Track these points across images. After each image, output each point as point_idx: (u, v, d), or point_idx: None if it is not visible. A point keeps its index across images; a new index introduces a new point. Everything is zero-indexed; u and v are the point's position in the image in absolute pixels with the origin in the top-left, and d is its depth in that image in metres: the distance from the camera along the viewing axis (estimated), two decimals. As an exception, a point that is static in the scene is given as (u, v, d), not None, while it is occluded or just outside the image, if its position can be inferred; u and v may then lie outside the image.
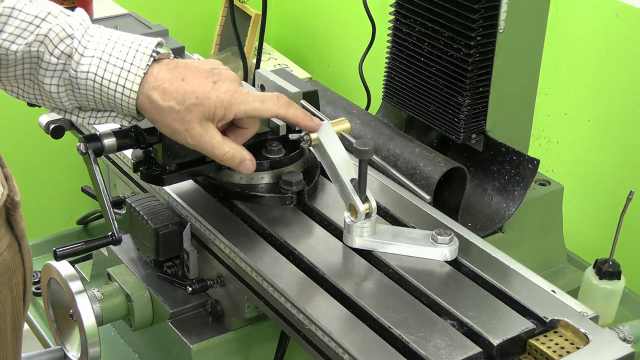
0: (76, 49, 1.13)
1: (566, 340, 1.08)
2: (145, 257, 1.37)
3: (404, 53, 1.52)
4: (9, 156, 2.37)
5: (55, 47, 1.12)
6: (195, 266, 1.34)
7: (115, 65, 1.14)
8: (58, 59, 1.13)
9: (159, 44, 1.17)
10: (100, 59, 1.14)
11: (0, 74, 1.15)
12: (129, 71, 1.14)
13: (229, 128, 1.22)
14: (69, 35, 1.13)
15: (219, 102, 1.16)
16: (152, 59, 1.15)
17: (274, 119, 1.37)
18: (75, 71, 1.14)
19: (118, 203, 1.46)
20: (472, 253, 1.23)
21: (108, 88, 1.14)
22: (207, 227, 1.27)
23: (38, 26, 1.12)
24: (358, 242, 1.22)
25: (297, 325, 1.14)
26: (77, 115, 1.21)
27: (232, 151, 1.20)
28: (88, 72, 1.14)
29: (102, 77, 1.14)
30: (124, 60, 1.14)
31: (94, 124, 1.22)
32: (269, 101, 1.20)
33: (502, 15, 1.38)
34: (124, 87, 1.14)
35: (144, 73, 1.14)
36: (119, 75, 1.14)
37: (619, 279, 1.46)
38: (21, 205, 1.17)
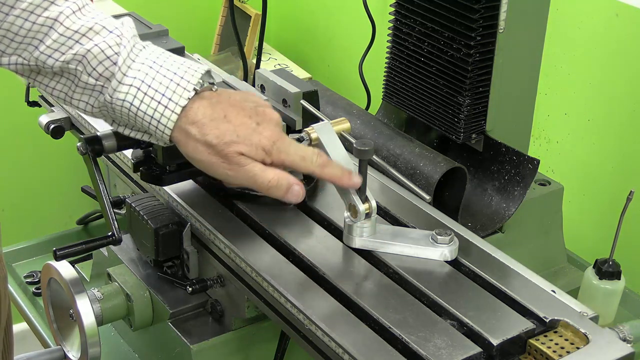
0: (114, 75, 1.10)
1: (566, 340, 1.08)
2: (145, 257, 1.37)
3: (404, 53, 1.52)
4: (9, 156, 2.36)
5: (94, 69, 1.10)
6: (195, 266, 1.34)
7: (152, 98, 1.10)
8: (96, 80, 1.11)
9: (206, 73, 1.13)
10: (138, 89, 1.10)
11: (37, 80, 1.14)
12: (166, 106, 1.11)
13: None
14: (108, 57, 1.10)
15: (260, 146, 1.12)
16: (193, 93, 1.12)
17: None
18: (111, 97, 1.11)
19: (118, 203, 1.46)
20: (472, 253, 1.23)
21: (142, 120, 1.12)
22: (207, 227, 1.28)
23: (77, 42, 1.09)
24: (358, 242, 1.22)
25: (297, 325, 1.14)
26: (112, 124, 1.19)
27: (276, 177, 1.13)
28: (124, 100, 1.11)
29: (138, 108, 1.11)
30: (162, 94, 1.10)
31: (129, 134, 1.19)
32: (309, 159, 1.15)
33: (502, 15, 1.38)
34: (158, 121, 1.11)
35: (182, 108, 1.11)
36: (155, 109, 1.11)
37: (619, 279, 1.46)
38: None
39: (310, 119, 1.37)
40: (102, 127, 1.52)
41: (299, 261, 1.21)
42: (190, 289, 1.32)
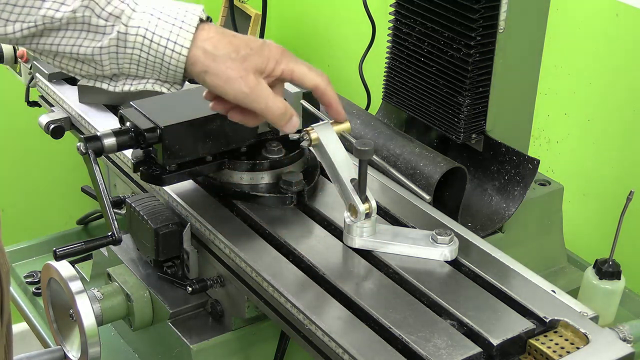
0: (128, 5, 1.14)
1: (566, 340, 1.08)
2: (145, 257, 1.37)
3: (404, 53, 1.52)
4: (9, 156, 2.35)
5: (103, 9, 1.13)
6: (195, 266, 1.34)
7: (167, 22, 1.15)
8: (106, 20, 1.14)
9: (203, 10, 1.18)
10: (152, 15, 1.15)
11: (39, 43, 1.16)
12: (180, 28, 1.15)
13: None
14: None
15: (272, 56, 1.18)
16: (201, 17, 1.17)
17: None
18: (125, 26, 1.14)
19: (118, 203, 1.46)
20: (472, 253, 1.23)
21: (159, 44, 1.15)
22: (207, 227, 1.28)
23: None
24: (358, 242, 1.22)
25: (297, 325, 1.14)
26: (109, 84, 1.21)
27: (283, 106, 1.19)
28: (139, 27, 1.14)
29: (154, 33, 1.15)
30: (175, 18, 1.15)
31: (128, 90, 1.21)
32: (314, 70, 1.21)
33: (502, 15, 1.38)
34: (175, 42, 1.15)
35: (195, 29, 1.15)
36: (171, 32, 1.15)
37: (619, 279, 1.46)
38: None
39: (310, 119, 1.37)
40: (102, 127, 1.52)
41: (299, 261, 1.21)
42: (190, 289, 1.32)
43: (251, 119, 1.22)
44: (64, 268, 1.29)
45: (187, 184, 1.36)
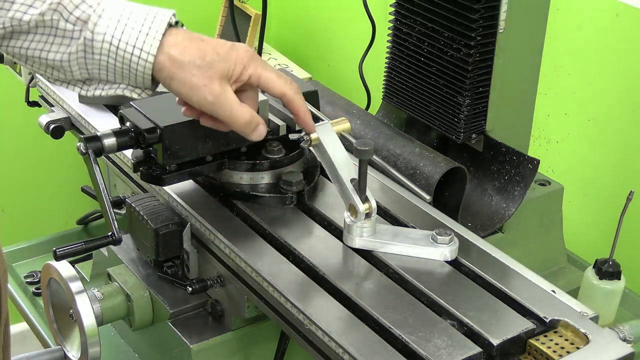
0: (94, 11, 1.12)
1: (566, 340, 1.08)
2: (145, 257, 1.37)
3: (404, 53, 1.52)
4: (8, 156, 2.36)
5: (70, 13, 1.12)
6: (195, 266, 1.34)
7: (133, 29, 1.13)
8: (74, 25, 1.13)
9: (174, 15, 1.17)
10: (119, 21, 1.13)
11: (9, 45, 1.15)
12: (147, 34, 1.13)
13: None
14: (84, 1, 1.12)
15: (239, 60, 1.16)
16: (168, 25, 1.15)
17: (273, 119, 1.38)
18: (92, 33, 1.13)
19: (118, 203, 1.46)
20: (472, 253, 1.23)
21: (125, 51, 1.14)
22: (207, 227, 1.28)
23: None
24: (358, 242, 1.22)
25: (297, 325, 1.14)
26: (82, 88, 1.20)
27: (248, 115, 1.18)
28: (105, 34, 1.13)
29: (120, 40, 1.13)
30: (142, 24, 1.13)
31: (100, 95, 1.20)
32: (283, 78, 1.19)
33: (502, 15, 1.38)
34: (141, 49, 1.13)
35: (162, 35, 1.14)
36: (137, 38, 1.13)
37: (619, 279, 1.46)
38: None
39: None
40: (102, 127, 1.52)
41: (299, 261, 1.21)
42: (190, 289, 1.32)
43: (222, 124, 1.21)
44: (64, 268, 1.29)
45: (187, 184, 1.36)
